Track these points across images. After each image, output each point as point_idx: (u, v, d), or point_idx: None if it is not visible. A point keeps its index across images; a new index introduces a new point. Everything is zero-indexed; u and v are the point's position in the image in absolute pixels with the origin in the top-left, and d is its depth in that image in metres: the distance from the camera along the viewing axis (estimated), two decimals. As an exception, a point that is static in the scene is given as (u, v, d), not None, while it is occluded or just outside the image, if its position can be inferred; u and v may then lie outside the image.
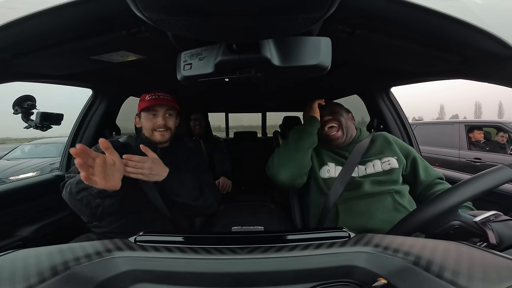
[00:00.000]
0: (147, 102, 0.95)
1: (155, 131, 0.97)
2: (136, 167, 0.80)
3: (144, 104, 0.96)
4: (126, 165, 0.79)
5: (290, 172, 0.92)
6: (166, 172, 0.87)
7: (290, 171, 0.92)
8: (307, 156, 0.94)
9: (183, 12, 0.31)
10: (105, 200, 0.75)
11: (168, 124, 0.97)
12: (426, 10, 0.43)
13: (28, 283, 0.33)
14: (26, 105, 1.01)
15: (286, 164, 0.92)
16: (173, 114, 1.00)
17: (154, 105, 0.95)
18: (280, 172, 0.92)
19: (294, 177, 0.93)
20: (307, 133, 0.96)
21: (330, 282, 0.39)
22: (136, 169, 0.80)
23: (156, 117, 0.96)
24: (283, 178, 0.92)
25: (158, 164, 0.86)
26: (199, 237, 0.52)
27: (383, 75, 1.23)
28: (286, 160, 0.93)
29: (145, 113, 0.97)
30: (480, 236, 0.55)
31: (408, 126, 1.46)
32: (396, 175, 0.91)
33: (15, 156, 5.45)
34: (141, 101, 0.99)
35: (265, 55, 0.45)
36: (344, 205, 0.88)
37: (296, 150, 0.93)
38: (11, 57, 0.64)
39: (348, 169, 0.93)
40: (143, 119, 0.98)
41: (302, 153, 0.93)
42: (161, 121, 0.95)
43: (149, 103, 0.95)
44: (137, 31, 0.55)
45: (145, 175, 0.82)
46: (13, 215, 1.06)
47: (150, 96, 0.96)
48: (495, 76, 0.67)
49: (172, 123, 0.99)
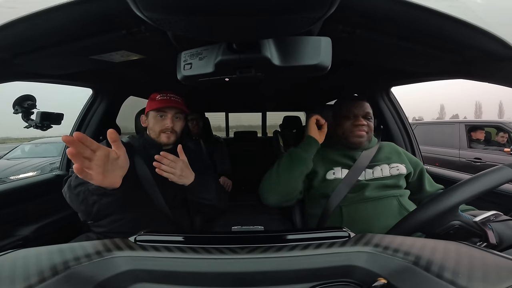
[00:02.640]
0: (157, 102, 0.94)
1: (162, 133, 0.96)
2: (170, 166, 0.80)
3: (155, 105, 0.94)
4: (161, 161, 0.80)
5: (278, 197, 0.88)
6: (193, 176, 0.88)
7: (277, 196, 0.88)
8: (297, 183, 0.88)
9: (183, 11, 0.31)
10: (102, 198, 0.71)
11: (175, 127, 0.97)
12: (427, 10, 0.43)
13: (28, 283, 0.33)
14: (26, 105, 1.01)
15: (275, 189, 0.87)
16: (181, 118, 0.99)
17: (165, 106, 0.94)
18: (268, 196, 0.88)
19: (282, 202, 0.89)
20: (301, 160, 0.88)
21: (330, 282, 0.39)
22: (170, 168, 0.80)
23: (165, 119, 0.95)
24: (270, 202, 0.88)
25: (187, 167, 0.86)
26: (199, 237, 0.52)
27: (383, 75, 1.23)
28: (275, 185, 0.87)
29: (154, 114, 0.96)
30: (480, 236, 0.55)
31: (408, 126, 1.46)
32: (402, 181, 0.93)
33: (15, 155, 5.45)
34: (151, 101, 0.97)
35: (265, 54, 0.45)
36: (349, 208, 0.87)
37: (287, 177, 0.86)
38: (11, 57, 0.64)
39: (355, 172, 0.91)
40: (150, 119, 0.97)
41: (293, 180, 0.87)
42: (169, 124, 0.94)
43: (160, 104, 0.94)
44: (137, 31, 0.55)
45: (175, 176, 0.82)
46: (13, 215, 1.06)
47: (161, 97, 0.95)
48: (495, 76, 0.67)
49: (179, 126, 0.98)
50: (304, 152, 0.89)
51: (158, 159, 0.80)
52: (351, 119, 0.95)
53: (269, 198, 0.88)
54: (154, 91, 1.02)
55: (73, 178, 0.75)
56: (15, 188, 1.11)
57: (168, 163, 0.81)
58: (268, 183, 0.89)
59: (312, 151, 0.90)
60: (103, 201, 0.71)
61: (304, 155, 0.88)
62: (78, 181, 0.73)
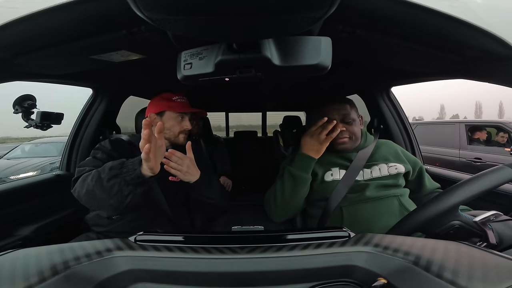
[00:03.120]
0: (179, 106, 0.98)
1: (181, 134, 0.99)
2: (178, 163, 0.83)
3: (177, 107, 0.98)
4: (169, 158, 0.82)
5: (287, 215, 0.96)
6: (199, 174, 0.89)
7: (287, 215, 0.96)
8: (303, 199, 0.93)
9: (183, 11, 0.31)
10: (137, 188, 0.74)
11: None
12: (427, 9, 0.43)
13: (28, 283, 0.33)
14: (26, 105, 1.01)
15: (284, 211, 0.94)
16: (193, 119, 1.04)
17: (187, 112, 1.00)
18: (277, 217, 0.96)
19: (289, 218, 0.98)
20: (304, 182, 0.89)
21: (330, 282, 0.39)
22: (177, 164, 0.83)
23: (184, 121, 0.99)
24: (277, 220, 0.96)
25: (193, 165, 0.88)
26: (199, 237, 0.52)
27: (383, 75, 1.23)
28: (283, 207, 0.92)
29: (174, 115, 0.98)
30: (480, 236, 0.55)
31: (408, 126, 1.46)
32: (402, 180, 0.92)
33: (15, 155, 5.46)
34: (167, 101, 0.99)
35: (265, 54, 0.45)
36: (349, 208, 0.87)
37: (293, 200, 0.91)
38: (11, 57, 0.64)
39: (352, 172, 0.91)
40: (168, 120, 0.98)
41: (299, 199, 0.92)
42: (189, 126, 0.99)
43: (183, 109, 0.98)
44: (138, 31, 0.55)
45: (182, 172, 0.84)
46: (13, 215, 1.06)
47: (180, 99, 1.00)
48: (495, 76, 0.66)
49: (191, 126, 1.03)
50: (306, 174, 0.90)
51: (167, 156, 0.82)
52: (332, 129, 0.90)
53: (278, 218, 0.96)
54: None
55: (106, 171, 0.75)
56: (15, 188, 1.11)
57: (176, 160, 0.83)
58: (275, 207, 0.94)
59: (312, 168, 0.91)
60: (137, 191, 0.75)
61: (306, 176, 0.90)
62: (112, 173, 0.74)
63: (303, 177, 0.89)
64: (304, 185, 0.89)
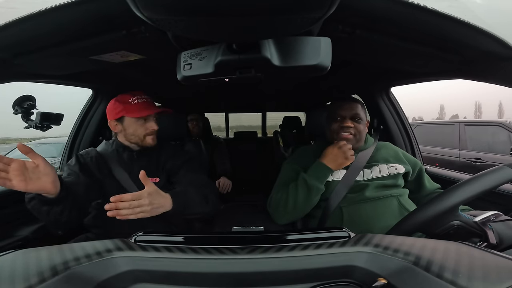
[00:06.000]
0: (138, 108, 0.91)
1: (147, 136, 0.94)
2: (133, 207, 0.64)
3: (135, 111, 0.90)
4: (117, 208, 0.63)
5: (292, 219, 0.94)
6: (169, 199, 0.75)
7: (291, 219, 0.93)
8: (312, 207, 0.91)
9: (183, 12, 0.31)
10: (53, 207, 0.71)
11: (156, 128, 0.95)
12: (426, 10, 0.43)
13: (28, 283, 0.33)
14: (26, 105, 1.01)
15: (292, 215, 0.91)
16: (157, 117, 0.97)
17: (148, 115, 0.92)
18: (281, 219, 0.92)
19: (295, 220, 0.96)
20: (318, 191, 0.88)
21: (330, 282, 0.39)
22: (133, 209, 0.64)
23: (149, 122, 0.93)
24: (281, 223, 0.93)
25: (156, 195, 0.70)
26: (199, 237, 0.52)
27: (383, 75, 1.23)
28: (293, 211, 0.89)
29: (134, 119, 0.92)
30: (480, 236, 0.55)
31: (408, 126, 1.46)
32: (401, 180, 0.92)
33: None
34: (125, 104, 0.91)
35: (265, 55, 0.45)
36: (349, 208, 0.88)
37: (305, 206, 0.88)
38: (11, 57, 0.64)
39: (352, 172, 0.91)
40: (130, 125, 0.92)
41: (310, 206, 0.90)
42: (155, 126, 0.93)
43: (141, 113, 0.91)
44: (137, 31, 0.55)
45: (147, 212, 0.67)
46: (13, 215, 1.06)
47: (137, 100, 0.91)
48: (495, 76, 0.66)
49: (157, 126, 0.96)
50: (321, 184, 0.88)
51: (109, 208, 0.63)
52: (338, 121, 0.94)
53: (283, 221, 0.93)
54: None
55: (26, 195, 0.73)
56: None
57: (128, 205, 0.64)
58: (285, 212, 0.91)
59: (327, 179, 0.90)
60: (55, 210, 0.71)
61: (321, 187, 0.88)
62: (28, 196, 0.72)
63: (318, 187, 0.87)
64: (317, 194, 0.88)
